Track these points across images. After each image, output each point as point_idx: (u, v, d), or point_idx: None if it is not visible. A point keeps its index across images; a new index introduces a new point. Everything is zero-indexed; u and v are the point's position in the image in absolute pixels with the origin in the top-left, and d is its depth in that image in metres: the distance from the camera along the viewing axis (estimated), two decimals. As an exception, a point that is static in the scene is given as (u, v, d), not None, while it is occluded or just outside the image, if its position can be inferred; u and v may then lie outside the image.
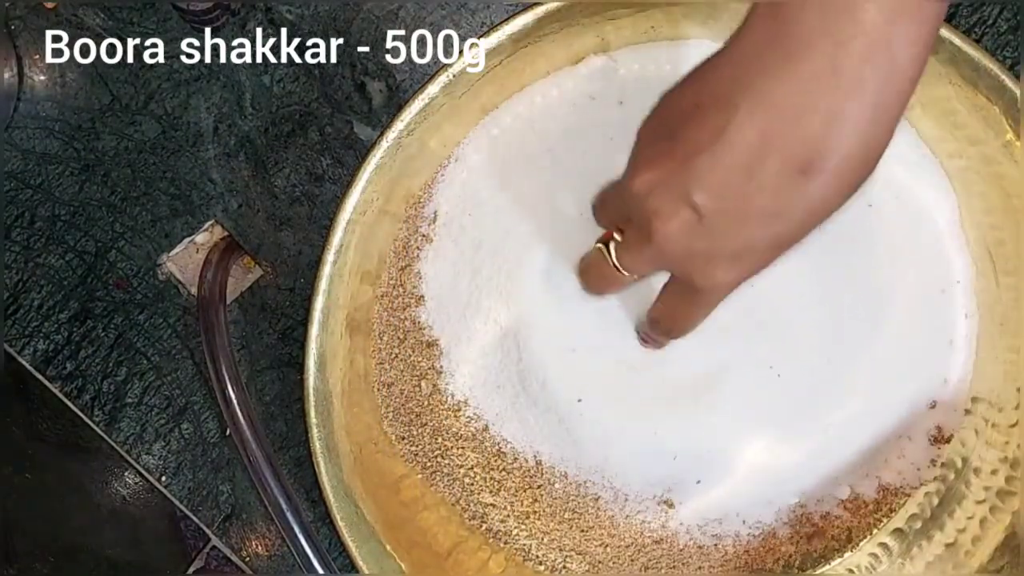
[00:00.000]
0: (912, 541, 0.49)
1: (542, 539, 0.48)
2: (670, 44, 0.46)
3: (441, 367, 0.47)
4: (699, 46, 0.46)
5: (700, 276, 0.32)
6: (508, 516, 0.48)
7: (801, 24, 0.27)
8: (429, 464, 0.48)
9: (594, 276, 0.38)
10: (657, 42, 0.46)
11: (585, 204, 0.46)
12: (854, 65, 0.27)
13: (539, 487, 0.48)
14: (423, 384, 0.48)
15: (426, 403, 0.48)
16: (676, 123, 0.31)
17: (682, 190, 0.30)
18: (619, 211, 0.35)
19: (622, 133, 0.46)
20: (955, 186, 0.47)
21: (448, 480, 0.48)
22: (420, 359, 0.47)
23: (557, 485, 0.48)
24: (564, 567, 0.49)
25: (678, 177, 0.30)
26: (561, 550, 0.49)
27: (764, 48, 0.28)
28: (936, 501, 0.49)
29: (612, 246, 0.35)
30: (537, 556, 0.49)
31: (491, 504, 0.48)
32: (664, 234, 0.31)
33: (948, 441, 0.48)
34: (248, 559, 0.52)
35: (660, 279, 0.36)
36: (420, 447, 0.48)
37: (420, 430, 0.48)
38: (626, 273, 0.35)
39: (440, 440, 0.48)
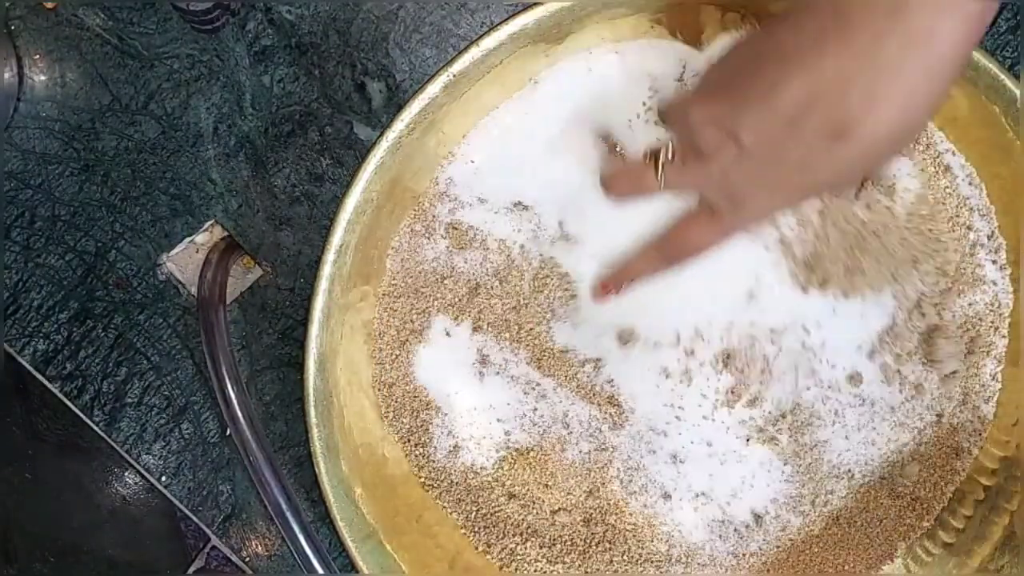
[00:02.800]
0: (914, 541, 0.49)
1: (544, 537, 0.48)
2: (670, 43, 0.46)
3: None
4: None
5: (729, 202, 0.37)
6: (509, 515, 0.48)
7: (855, 9, 0.31)
8: (429, 464, 0.48)
9: (630, 180, 0.42)
10: (659, 39, 0.46)
11: (587, 203, 0.46)
12: (894, 52, 0.31)
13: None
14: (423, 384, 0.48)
15: (426, 403, 0.48)
16: (738, 69, 0.36)
17: (732, 128, 0.35)
18: (675, 126, 0.40)
19: (623, 133, 0.46)
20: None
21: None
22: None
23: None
24: (563, 560, 0.49)
25: (730, 116, 0.35)
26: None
27: (822, 24, 0.32)
28: (936, 501, 0.49)
29: (661, 159, 0.39)
30: (539, 554, 0.49)
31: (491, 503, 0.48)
32: (710, 160, 0.36)
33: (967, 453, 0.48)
34: (248, 559, 0.52)
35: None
36: (420, 447, 0.48)
37: (420, 430, 0.48)
38: (662, 187, 0.39)
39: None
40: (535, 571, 0.48)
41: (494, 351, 0.47)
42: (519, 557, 0.48)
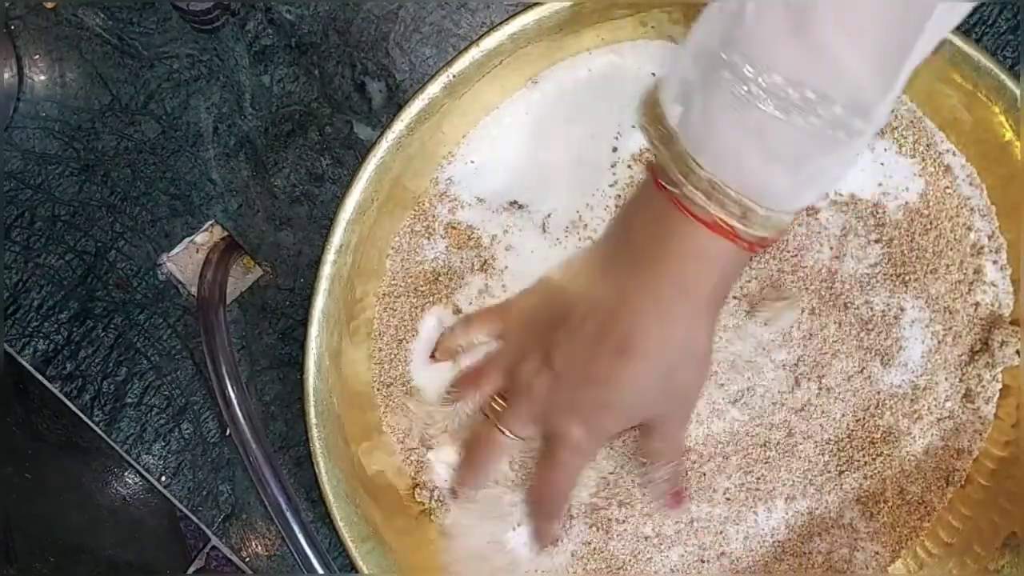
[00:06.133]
0: (915, 541, 0.49)
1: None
2: (669, 44, 0.46)
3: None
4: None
5: (558, 427, 0.41)
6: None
7: (625, 254, 0.39)
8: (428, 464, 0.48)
9: (481, 446, 0.44)
10: (658, 40, 0.46)
11: (586, 203, 0.46)
12: (661, 287, 0.37)
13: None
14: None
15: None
16: (545, 305, 0.42)
17: (544, 356, 0.40)
18: (495, 382, 0.43)
19: (624, 131, 0.46)
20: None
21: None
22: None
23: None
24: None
25: (542, 348, 0.41)
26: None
27: (601, 262, 0.40)
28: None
29: (493, 414, 0.43)
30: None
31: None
32: (535, 388, 0.41)
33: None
34: (248, 559, 0.52)
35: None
36: (419, 447, 0.48)
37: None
38: (508, 434, 0.42)
39: (440, 440, 0.48)
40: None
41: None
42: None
